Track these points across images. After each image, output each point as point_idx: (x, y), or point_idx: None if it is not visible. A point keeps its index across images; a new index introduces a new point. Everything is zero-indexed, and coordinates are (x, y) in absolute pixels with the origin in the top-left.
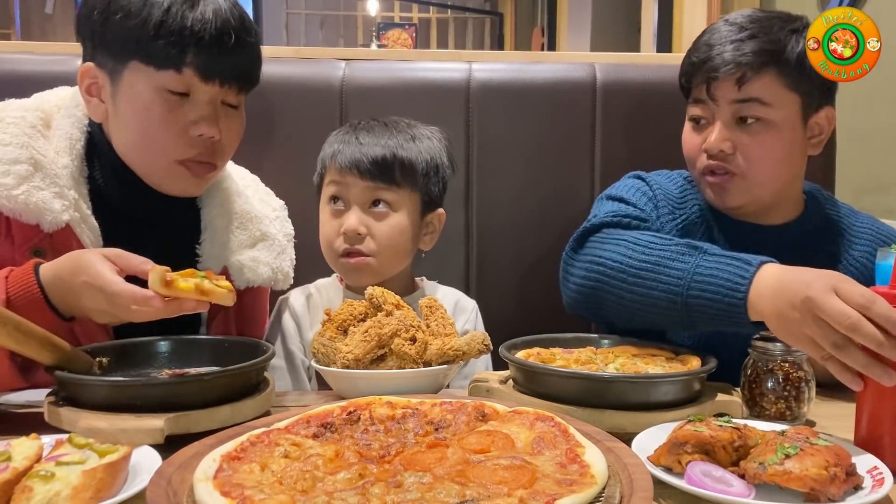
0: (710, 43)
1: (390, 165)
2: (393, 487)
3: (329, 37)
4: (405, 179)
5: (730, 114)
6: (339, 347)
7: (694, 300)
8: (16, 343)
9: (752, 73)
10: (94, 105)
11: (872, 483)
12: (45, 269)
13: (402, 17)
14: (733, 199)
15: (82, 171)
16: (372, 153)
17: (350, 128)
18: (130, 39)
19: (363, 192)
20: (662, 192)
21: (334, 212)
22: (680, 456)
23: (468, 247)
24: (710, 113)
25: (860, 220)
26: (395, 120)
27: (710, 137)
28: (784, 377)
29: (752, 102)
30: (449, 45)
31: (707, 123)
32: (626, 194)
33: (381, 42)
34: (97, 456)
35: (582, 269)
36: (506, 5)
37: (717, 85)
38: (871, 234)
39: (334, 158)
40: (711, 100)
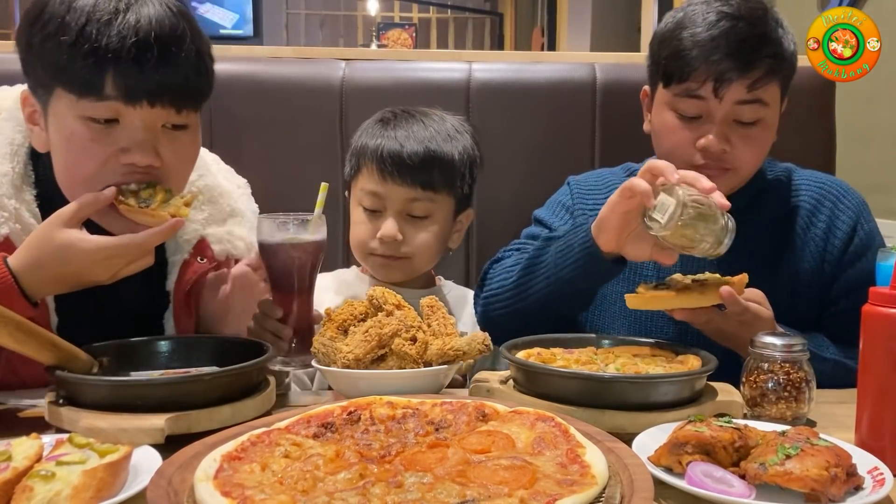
0: (713, 38)
1: (430, 174)
2: (393, 487)
3: (329, 37)
4: (443, 187)
5: (730, 113)
6: (340, 347)
7: (564, 273)
8: (16, 343)
9: (765, 79)
10: (36, 134)
11: (873, 483)
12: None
13: (402, 17)
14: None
15: (26, 176)
16: (413, 158)
17: (385, 124)
18: (49, 65)
19: (402, 200)
20: (582, 195)
21: (370, 213)
22: (680, 456)
23: (468, 247)
24: (707, 110)
25: (799, 175)
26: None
27: (708, 136)
28: (784, 377)
29: (754, 104)
30: (449, 45)
31: (701, 120)
32: (544, 214)
33: (381, 42)
34: (98, 456)
35: (481, 308)
36: (506, 5)
37: (728, 86)
38: (808, 185)
39: (374, 160)
40: (716, 98)
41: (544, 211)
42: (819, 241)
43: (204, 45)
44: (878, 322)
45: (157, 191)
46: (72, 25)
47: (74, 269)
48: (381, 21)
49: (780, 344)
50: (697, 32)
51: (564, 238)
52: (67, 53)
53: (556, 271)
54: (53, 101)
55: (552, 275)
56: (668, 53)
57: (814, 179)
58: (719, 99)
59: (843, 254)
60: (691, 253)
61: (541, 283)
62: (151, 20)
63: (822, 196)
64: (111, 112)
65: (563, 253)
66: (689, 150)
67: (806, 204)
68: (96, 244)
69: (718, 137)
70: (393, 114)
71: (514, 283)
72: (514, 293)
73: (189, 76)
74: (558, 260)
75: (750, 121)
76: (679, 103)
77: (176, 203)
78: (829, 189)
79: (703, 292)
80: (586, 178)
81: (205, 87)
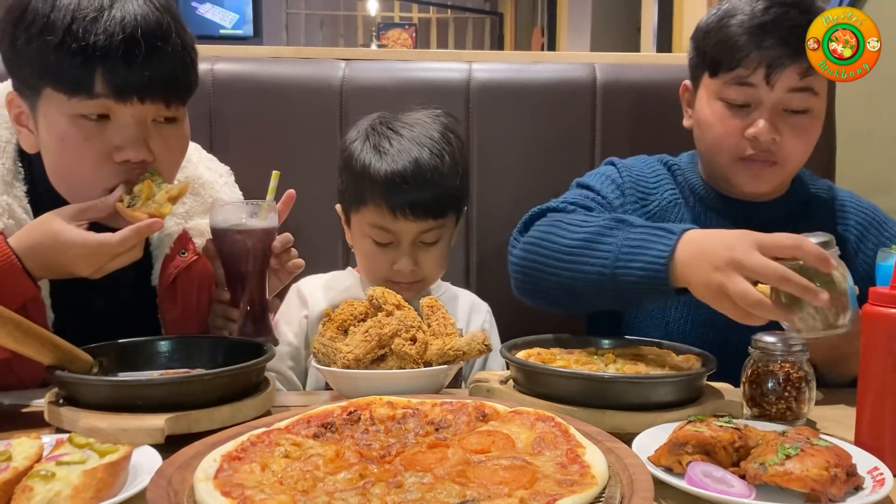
0: (764, 24)
1: (440, 204)
2: (393, 488)
3: (329, 37)
4: (450, 209)
5: (781, 101)
6: (340, 347)
7: (621, 272)
8: (16, 343)
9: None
10: (25, 135)
11: (873, 483)
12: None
13: (402, 17)
14: (768, 185)
15: (16, 173)
16: (423, 195)
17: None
18: (36, 65)
19: (415, 233)
20: (632, 179)
21: (380, 247)
22: (680, 456)
23: (468, 247)
24: (757, 98)
25: (842, 194)
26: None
27: (758, 125)
28: (784, 377)
29: (806, 92)
30: (449, 45)
31: (750, 108)
32: (593, 182)
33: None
34: (98, 456)
35: (521, 251)
36: (506, 5)
37: (780, 73)
38: (854, 209)
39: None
40: (768, 86)
41: (591, 179)
42: (868, 268)
43: (188, 39)
44: (878, 322)
45: (145, 187)
46: (57, 24)
47: (60, 260)
48: (381, 21)
49: (780, 344)
50: (747, 20)
51: (638, 235)
52: (55, 53)
53: (612, 263)
54: (42, 101)
55: (607, 265)
56: (716, 41)
57: (857, 203)
58: (770, 86)
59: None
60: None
61: (592, 263)
62: (137, 16)
63: (868, 223)
64: (102, 109)
65: (629, 252)
66: (738, 139)
67: (854, 228)
68: (79, 240)
69: (769, 126)
70: (383, 135)
71: (567, 245)
72: (561, 255)
73: (177, 70)
74: (622, 254)
75: (800, 109)
76: (727, 91)
77: (159, 200)
78: (873, 216)
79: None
80: (632, 163)
81: (192, 80)
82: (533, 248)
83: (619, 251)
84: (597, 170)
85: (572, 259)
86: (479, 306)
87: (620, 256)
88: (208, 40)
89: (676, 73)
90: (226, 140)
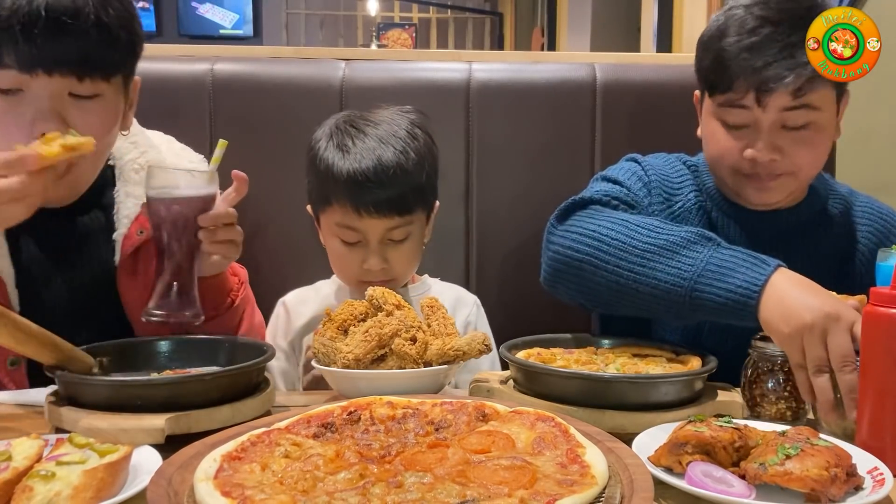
0: (754, 46)
1: (405, 199)
2: (393, 488)
3: (329, 37)
4: (417, 205)
5: (777, 120)
6: (340, 347)
7: (702, 291)
8: (16, 343)
9: (809, 84)
10: None
11: (873, 483)
12: None
13: (402, 17)
14: (777, 196)
15: None
16: (386, 190)
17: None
18: None
19: (382, 231)
20: (658, 178)
21: (349, 246)
22: (680, 456)
23: (468, 247)
24: (753, 119)
25: (860, 200)
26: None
27: (756, 146)
28: (785, 377)
29: (803, 109)
30: (449, 45)
31: (748, 129)
32: (621, 176)
33: (381, 42)
34: (98, 456)
35: (569, 240)
36: (506, 5)
37: (771, 95)
38: (873, 215)
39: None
40: (760, 107)
41: (618, 173)
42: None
43: (113, 18)
44: (878, 322)
45: (54, 136)
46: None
47: None
48: (381, 21)
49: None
50: (737, 40)
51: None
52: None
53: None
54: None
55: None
56: (710, 61)
57: (877, 209)
58: (763, 108)
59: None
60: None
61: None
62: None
63: (887, 230)
64: (13, 82)
65: (717, 271)
66: (737, 158)
67: (871, 234)
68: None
69: (767, 147)
70: (346, 133)
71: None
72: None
73: (89, 47)
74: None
75: (799, 125)
76: (724, 114)
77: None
78: (891, 221)
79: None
80: (654, 161)
81: (113, 59)
82: (588, 240)
83: (704, 267)
84: (619, 165)
85: (644, 262)
86: (464, 299)
87: (705, 273)
88: (208, 40)
89: (676, 73)
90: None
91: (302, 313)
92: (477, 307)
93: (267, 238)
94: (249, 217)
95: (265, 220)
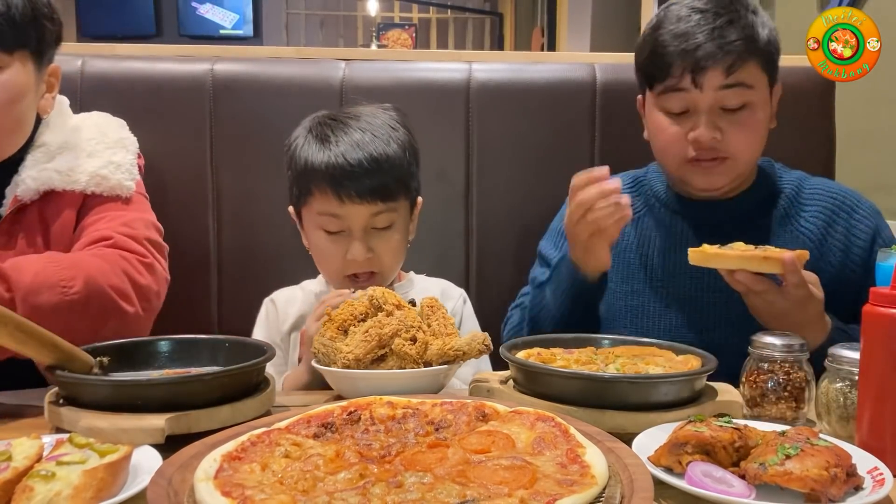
0: (685, 32)
1: (386, 185)
2: (393, 487)
3: (329, 37)
4: (399, 192)
5: (715, 101)
6: (340, 347)
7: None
8: (16, 343)
9: (740, 60)
10: None
11: (873, 483)
12: None
13: (402, 17)
14: (724, 180)
15: None
16: (366, 174)
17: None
18: None
19: (364, 217)
20: None
21: (332, 236)
22: (680, 456)
23: (468, 247)
24: (692, 102)
25: (811, 183)
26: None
27: (698, 128)
28: (784, 377)
29: (738, 87)
30: (449, 45)
31: (689, 113)
32: (545, 247)
33: (381, 42)
34: (98, 456)
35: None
36: (506, 5)
37: (704, 74)
38: (822, 196)
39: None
40: (697, 88)
41: (545, 243)
42: (838, 253)
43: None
44: (878, 322)
45: None
46: None
47: None
48: (381, 21)
49: (780, 344)
50: (671, 29)
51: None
52: None
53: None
54: None
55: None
56: (647, 55)
57: (826, 189)
58: (700, 88)
59: (866, 262)
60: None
61: (548, 323)
62: None
63: (837, 207)
64: None
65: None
66: (682, 144)
67: (821, 214)
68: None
69: (708, 127)
70: (326, 125)
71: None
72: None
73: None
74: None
75: (736, 106)
76: (665, 101)
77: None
78: (843, 199)
79: (765, 258)
80: None
81: (12, 31)
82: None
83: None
84: (554, 219)
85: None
86: (449, 292)
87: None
88: (208, 40)
89: None
90: (226, 140)
91: (289, 312)
92: (463, 300)
93: (267, 237)
94: (249, 216)
95: (265, 219)
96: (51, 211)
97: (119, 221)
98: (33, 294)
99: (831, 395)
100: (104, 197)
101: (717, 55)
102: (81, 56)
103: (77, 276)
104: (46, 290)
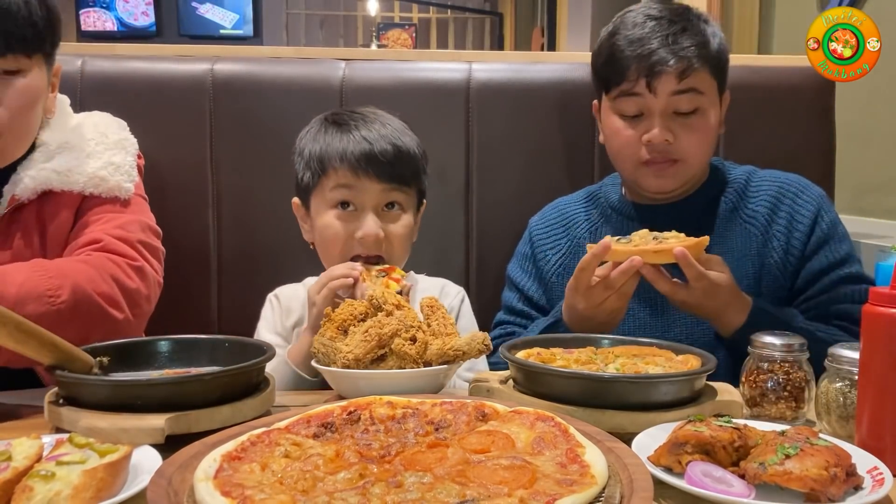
0: (641, 38)
1: (401, 168)
2: (393, 487)
3: (329, 37)
4: (411, 180)
5: (668, 105)
6: (340, 347)
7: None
8: (16, 343)
9: (692, 67)
10: None
11: (872, 483)
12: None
13: (402, 17)
14: (675, 183)
15: None
16: (384, 154)
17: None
18: None
19: (378, 194)
20: (540, 237)
21: (344, 216)
22: (680, 456)
23: (468, 247)
24: (646, 106)
25: (759, 175)
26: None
27: (651, 130)
28: (784, 377)
29: (690, 93)
30: (449, 45)
31: (643, 117)
32: (512, 271)
33: (381, 42)
34: (98, 455)
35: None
36: (506, 5)
37: (658, 78)
38: (768, 185)
39: (344, 160)
40: (651, 92)
41: (513, 267)
42: (781, 237)
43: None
44: (878, 322)
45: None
46: None
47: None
48: (381, 21)
49: (780, 344)
50: (627, 35)
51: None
52: None
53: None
54: None
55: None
56: (603, 60)
57: (773, 178)
58: (654, 93)
59: (805, 245)
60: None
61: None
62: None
63: (781, 193)
64: None
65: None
66: (636, 146)
67: (766, 202)
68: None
69: (661, 129)
70: (343, 117)
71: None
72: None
73: (8, 23)
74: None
75: (688, 110)
76: (620, 105)
77: None
78: (788, 186)
79: (658, 250)
80: (544, 214)
81: (34, 35)
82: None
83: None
84: (519, 243)
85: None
86: (448, 289)
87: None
88: (208, 40)
89: None
90: (226, 140)
91: (292, 308)
92: (461, 297)
93: (267, 237)
94: (249, 216)
95: (265, 219)
96: (48, 211)
97: (113, 224)
98: (19, 305)
99: (831, 395)
100: (102, 198)
101: (670, 61)
102: (81, 56)
103: (64, 285)
104: (32, 301)
